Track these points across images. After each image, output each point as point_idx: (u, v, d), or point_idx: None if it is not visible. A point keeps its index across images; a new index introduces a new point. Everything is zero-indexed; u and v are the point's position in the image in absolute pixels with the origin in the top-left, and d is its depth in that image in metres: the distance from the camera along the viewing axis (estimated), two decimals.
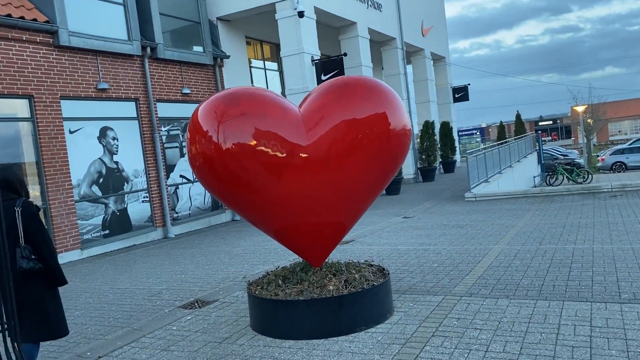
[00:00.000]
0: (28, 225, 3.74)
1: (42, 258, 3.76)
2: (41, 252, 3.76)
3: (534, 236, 8.23)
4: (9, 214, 3.70)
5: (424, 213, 12.52)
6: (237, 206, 4.93)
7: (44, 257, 3.77)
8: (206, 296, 6.27)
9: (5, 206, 3.69)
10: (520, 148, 23.46)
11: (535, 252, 7.06)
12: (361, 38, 17.12)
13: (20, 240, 3.72)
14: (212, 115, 4.64)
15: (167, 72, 12.76)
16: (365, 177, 4.86)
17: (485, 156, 16.58)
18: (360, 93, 4.78)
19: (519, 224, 9.59)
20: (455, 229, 9.76)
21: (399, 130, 4.90)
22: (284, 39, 13.88)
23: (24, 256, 3.68)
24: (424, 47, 23.84)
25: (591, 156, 39.18)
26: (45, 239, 3.82)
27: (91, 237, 10.67)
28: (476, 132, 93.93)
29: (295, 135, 4.61)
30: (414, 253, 7.74)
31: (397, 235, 9.64)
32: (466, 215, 11.50)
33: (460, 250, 7.66)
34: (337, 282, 4.74)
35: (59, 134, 10.11)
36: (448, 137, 24.23)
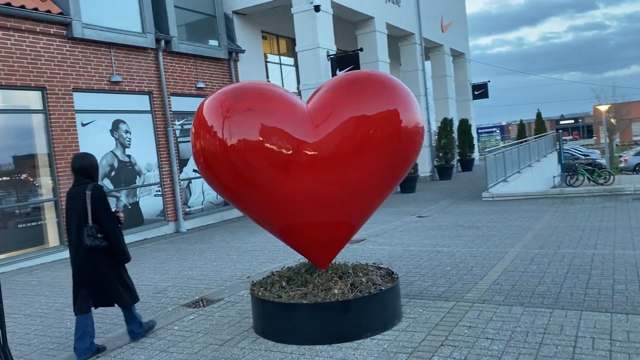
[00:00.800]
0: (95, 207, 4.33)
1: (107, 237, 4.37)
2: (106, 232, 4.37)
3: (552, 239, 7.95)
4: (81, 197, 4.36)
5: (439, 212, 12.27)
6: (241, 204, 4.77)
7: (108, 236, 4.38)
8: (211, 294, 6.14)
9: (78, 190, 4.43)
10: (540, 147, 22.97)
11: (553, 256, 6.79)
12: (378, 33, 16.85)
13: (89, 220, 4.31)
14: (217, 110, 4.48)
15: (182, 66, 12.66)
16: (375, 176, 4.67)
17: (504, 155, 16.22)
18: (371, 89, 4.58)
19: (537, 226, 9.29)
20: (471, 229, 9.50)
21: (411, 128, 4.69)
22: (300, 33, 13.69)
23: (89, 235, 4.29)
24: (443, 43, 23.46)
25: (613, 157, 38.35)
26: (110, 220, 4.41)
27: None
28: (496, 130, 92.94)
29: (302, 131, 4.42)
30: (426, 255, 7.52)
31: (410, 235, 9.41)
32: (483, 215, 11.22)
33: (475, 252, 7.42)
34: (343, 285, 4.55)
35: (71, 126, 10.06)
36: (466, 135, 23.84)
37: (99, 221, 4.34)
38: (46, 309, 6.21)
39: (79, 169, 4.53)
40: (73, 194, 4.48)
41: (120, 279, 4.60)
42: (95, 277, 4.44)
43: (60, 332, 5.25)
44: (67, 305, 6.28)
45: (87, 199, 4.34)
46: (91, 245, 4.29)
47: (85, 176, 4.51)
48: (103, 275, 4.45)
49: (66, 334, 5.16)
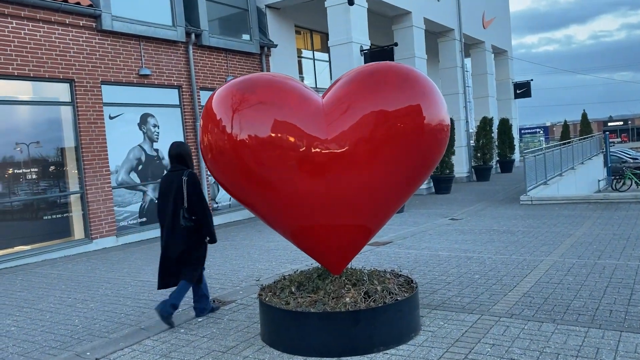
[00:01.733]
0: (190, 192, 4.79)
1: (199, 219, 4.83)
2: (198, 214, 4.82)
3: (592, 248, 7.39)
4: (177, 182, 4.83)
5: (473, 215, 11.74)
6: (251, 204, 4.50)
7: (199, 218, 4.84)
8: (224, 295, 5.90)
9: (174, 175, 4.91)
10: (584, 149, 21.96)
11: (592, 267, 6.26)
12: (416, 28, 16.34)
13: (185, 203, 4.78)
14: (226, 103, 4.22)
15: (212, 60, 12.53)
16: (394, 176, 4.31)
17: (545, 156, 15.48)
18: (391, 82, 4.22)
19: (576, 233, 8.71)
20: (505, 235, 8.99)
21: (435, 126, 4.31)
22: (333, 27, 13.35)
23: (184, 216, 4.76)
24: (485, 39, 22.67)
25: None
26: (202, 204, 4.86)
27: (127, 225, 10.61)
28: (539, 130, 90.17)
29: (315, 127, 4.11)
30: (455, 261, 7.09)
31: (440, 239, 8.97)
32: (519, 220, 10.65)
33: (507, 260, 6.95)
34: (356, 293, 4.22)
35: (99, 119, 10.05)
36: (507, 135, 22.99)
37: (191, 204, 4.79)
38: (58, 304, 6.11)
39: (175, 155, 4.99)
40: (169, 178, 4.94)
41: (197, 260, 5.00)
42: (183, 255, 4.87)
43: (67, 329, 5.11)
44: (80, 301, 6.18)
45: (184, 184, 4.79)
46: (186, 226, 4.77)
47: (181, 163, 4.99)
48: (191, 253, 4.91)
49: (72, 332, 5.01)
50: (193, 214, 4.83)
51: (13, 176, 8.94)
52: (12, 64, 8.79)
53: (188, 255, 4.91)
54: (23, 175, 9.10)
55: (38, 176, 9.31)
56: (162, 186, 5.00)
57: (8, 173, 8.87)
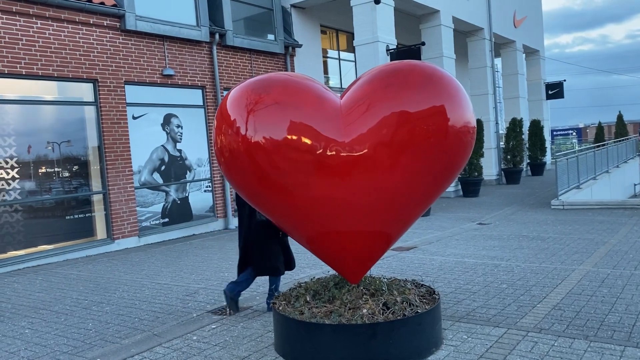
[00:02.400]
0: None
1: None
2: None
3: (628, 257, 6.99)
4: None
5: (502, 220, 11.36)
6: (266, 209, 4.32)
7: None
8: (241, 301, 5.74)
9: None
10: (620, 152, 21.21)
11: (629, 278, 5.90)
12: (444, 27, 15.98)
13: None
14: (241, 103, 4.05)
15: (236, 60, 12.45)
16: (416, 180, 4.07)
17: (578, 159, 14.94)
18: (414, 81, 3.99)
19: (611, 241, 8.29)
20: (535, 241, 8.63)
21: (460, 128, 4.06)
22: (359, 26, 13.12)
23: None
24: (516, 39, 22.10)
25: None
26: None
27: (150, 225, 10.59)
28: (573, 132, 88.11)
29: (332, 129, 3.91)
30: (481, 269, 6.79)
31: (467, 244, 8.66)
32: (550, 225, 10.24)
33: (537, 269, 6.62)
34: (374, 304, 4.00)
35: (122, 119, 10.05)
36: (538, 137, 22.35)
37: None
38: (74, 306, 6.05)
39: None
40: None
41: (273, 255, 5.28)
42: (261, 248, 5.21)
43: (80, 333, 5.02)
44: (95, 303, 6.11)
45: None
46: (263, 220, 5.07)
47: None
48: (269, 247, 5.23)
49: (84, 336, 4.93)
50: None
51: (37, 176, 8.98)
52: (37, 64, 8.83)
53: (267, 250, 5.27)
54: (47, 175, 9.14)
55: (61, 176, 9.35)
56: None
57: (32, 173, 8.92)
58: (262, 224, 5.14)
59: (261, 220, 5.11)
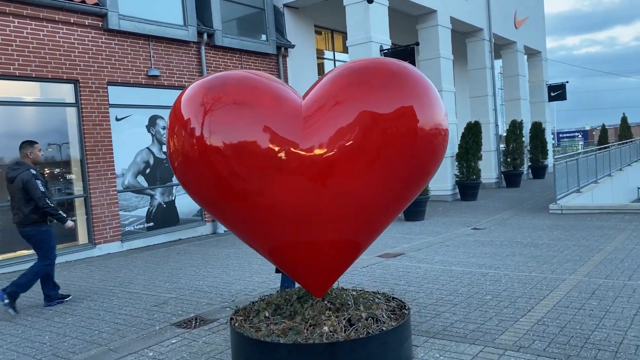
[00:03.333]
0: None
1: None
2: None
3: (623, 266, 6.65)
4: None
5: (497, 225, 11.03)
6: (225, 219, 4.02)
7: None
8: (209, 313, 5.45)
9: None
10: (623, 154, 20.78)
11: (621, 290, 5.56)
12: (441, 27, 15.66)
13: None
14: (194, 103, 3.77)
15: (226, 61, 12.18)
16: (384, 186, 3.77)
17: (578, 162, 14.57)
18: (381, 79, 3.68)
19: (607, 248, 7.95)
20: (528, 248, 8.30)
21: (430, 130, 3.75)
22: (352, 26, 12.83)
23: None
24: (516, 39, 21.73)
25: None
26: None
27: (134, 230, 10.32)
28: (578, 134, 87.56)
29: (291, 131, 3.62)
30: (467, 278, 6.47)
31: (457, 251, 8.34)
32: (546, 231, 9.90)
33: (526, 278, 6.29)
34: (336, 321, 3.70)
35: (104, 120, 9.79)
36: (539, 139, 21.97)
37: None
38: (36, 316, 5.77)
39: None
40: None
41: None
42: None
43: (33, 347, 4.74)
44: (59, 314, 5.82)
45: None
46: None
47: None
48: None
49: (37, 351, 4.64)
50: None
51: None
52: (14, 64, 8.58)
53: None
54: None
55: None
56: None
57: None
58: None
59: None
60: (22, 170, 5.91)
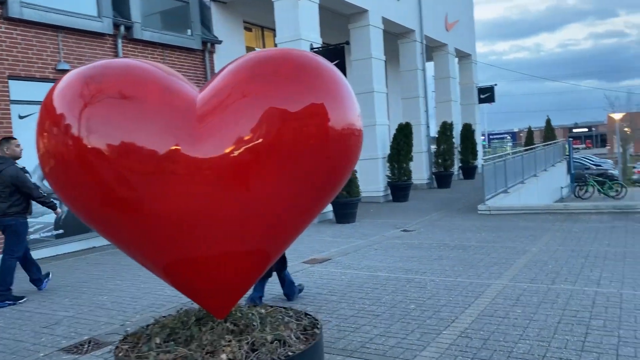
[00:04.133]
0: None
1: None
2: None
3: (547, 269, 6.60)
4: None
5: (427, 226, 10.94)
6: (109, 232, 3.45)
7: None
8: (105, 335, 4.85)
9: None
10: (547, 156, 21.53)
11: (545, 294, 5.44)
12: (373, 27, 15.53)
13: None
14: (68, 96, 3.22)
15: (146, 55, 11.43)
16: (292, 191, 3.35)
17: (506, 163, 14.83)
18: (287, 73, 3.27)
19: (532, 249, 7.94)
20: (455, 251, 8.17)
21: (343, 129, 3.38)
22: (280, 23, 12.40)
23: None
24: (447, 42, 22.06)
25: (627, 167, 36.66)
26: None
27: (40, 238, 9.42)
28: (507, 136, 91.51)
29: (183, 129, 3.14)
30: (392, 285, 6.19)
31: (385, 255, 8.09)
32: (474, 232, 9.88)
33: (452, 284, 6.08)
34: (237, 346, 3.26)
35: (5, 118, 8.85)
36: (469, 141, 22.41)
37: None
38: None
39: None
40: None
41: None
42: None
43: None
44: None
45: None
46: None
47: None
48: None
49: None
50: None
51: None
52: None
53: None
54: None
55: None
56: None
57: None
58: None
59: None
60: (8, 165, 6.23)
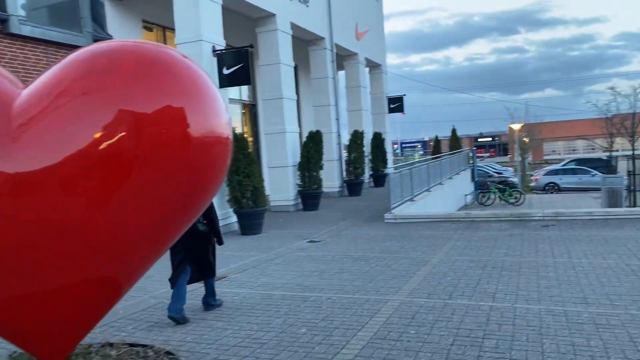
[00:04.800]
0: None
1: (211, 223, 5.41)
2: (210, 219, 5.38)
3: (445, 282, 6.45)
4: None
5: (334, 237, 10.66)
6: None
7: (212, 223, 5.43)
8: None
9: None
10: (453, 164, 22.19)
11: (441, 311, 5.24)
12: (281, 32, 15.14)
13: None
14: None
15: (26, 52, 10.30)
16: (143, 206, 2.85)
17: (412, 172, 14.96)
18: (131, 67, 2.76)
19: (433, 260, 7.84)
20: (358, 263, 7.91)
21: (205, 137, 2.92)
22: (180, 22, 11.68)
23: (200, 221, 5.22)
24: (358, 51, 22.17)
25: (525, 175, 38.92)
26: (213, 210, 5.36)
27: None
28: (418, 145, 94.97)
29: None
30: (287, 305, 5.76)
31: (286, 269, 7.67)
32: (379, 242, 9.71)
33: (349, 301, 5.75)
34: None
35: None
36: (380, 149, 22.63)
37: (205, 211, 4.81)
38: None
39: None
40: None
41: (213, 258, 5.55)
42: (199, 255, 5.36)
43: None
44: None
45: None
46: (202, 230, 5.25)
47: None
48: (207, 253, 5.42)
49: None
50: (205, 219, 5.27)
51: None
52: None
53: (205, 257, 5.44)
54: None
55: None
56: None
57: None
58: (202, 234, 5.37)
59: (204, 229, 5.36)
60: None
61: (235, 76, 11.89)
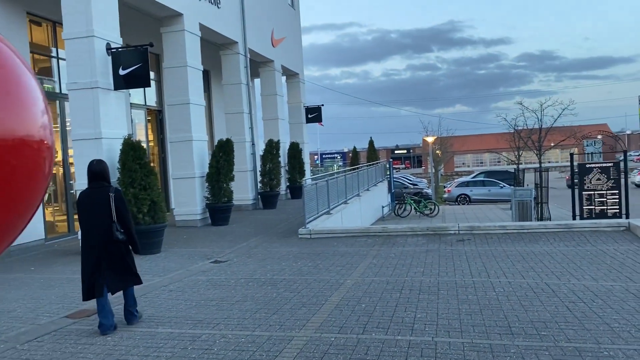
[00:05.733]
0: (119, 207, 5.28)
1: (127, 231, 5.33)
2: (127, 227, 5.32)
3: (359, 310, 5.73)
4: (104, 197, 5.24)
5: (242, 256, 9.71)
6: None
7: (129, 231, 5.35)
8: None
9: (101, 191, 5.30)
10: (370, 175, 21.90)
11: (353, 350, 4.48)
12: (188, 33, 14.02)
13: (114, 218, 5.22)
14: None
15: None
16: None
17: (328, 184, 14.32)
18: None
19: (347, 282, 7.13)
20: (265, 288, 7.04)
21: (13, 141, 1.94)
22: (68, 15, 10.31)
23: (117, 230, 5.21)
24: (274, 58, 21.40)
25: (438, 186, 39.86)
26: (129, 218, 5.41)
27: None
28: (338, 156, 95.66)
29: None
30: (169, 350, 4.75)
31: (179, 299, 6.64)
32: (291, 262, 8.89)
33: (245, 342, 4.85)
34: None
35: None
36: (297, 160, 21.93)
37: (121, 218, 5.25)
38: None
39: (99, 172, 5.34)
40: (94, 194, 5.28)
41: (133, 265, 5.45)
42: (117, 265, 5.28)
43: None
44: None
45: (111, 200, 5.19)
46: (120, 239, 5.23)
47: (104, 179, 5.37)
48: (125, 263, 5.34)
49: None
50: (122, 227, 5.24)
51: None
52: None
53: (123, 266, 5.31)
54: None
55: None
56: (86, 202, 5.31)
57: None
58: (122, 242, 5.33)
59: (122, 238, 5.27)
60: None
61: (133, 77, 10.66)
